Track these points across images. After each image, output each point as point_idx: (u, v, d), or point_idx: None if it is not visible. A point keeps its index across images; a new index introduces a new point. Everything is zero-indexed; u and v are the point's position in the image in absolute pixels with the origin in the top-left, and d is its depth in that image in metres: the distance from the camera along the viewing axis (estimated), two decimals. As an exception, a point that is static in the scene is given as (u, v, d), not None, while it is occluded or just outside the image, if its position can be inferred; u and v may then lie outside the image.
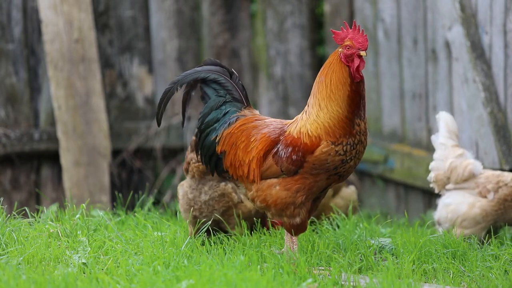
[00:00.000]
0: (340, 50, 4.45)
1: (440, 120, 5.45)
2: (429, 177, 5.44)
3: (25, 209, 5.51)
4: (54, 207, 6.25)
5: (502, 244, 5.18)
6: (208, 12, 7.90)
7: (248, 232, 4.89)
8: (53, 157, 7.48)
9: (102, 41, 7.68)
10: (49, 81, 7.38)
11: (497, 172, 5.33)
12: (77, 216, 5.22)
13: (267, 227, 5.08)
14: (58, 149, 7.42)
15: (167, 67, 7.85)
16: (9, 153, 7.36)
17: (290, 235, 4.56)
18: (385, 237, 5.11)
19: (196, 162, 4.95)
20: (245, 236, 4.82)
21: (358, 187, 5.84)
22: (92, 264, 4.46)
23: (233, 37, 7.98)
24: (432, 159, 5.52)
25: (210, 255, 4.58)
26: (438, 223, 5.38)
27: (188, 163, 4.99)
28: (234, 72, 4.70)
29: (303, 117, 4.49)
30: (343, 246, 4.83)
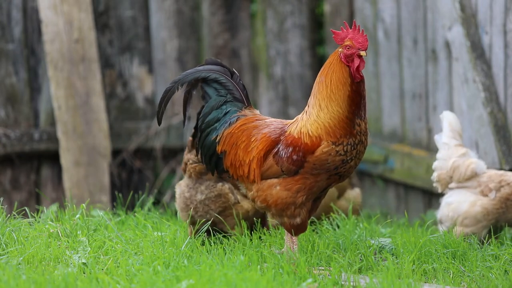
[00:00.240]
0: (340, 50, 4.45)
1: (444, 120, 5.44)
2: (433, 177, 5.44)
3: (25, 209, 5.50)
4: (54, 207, 6.25)
5: (502, 244, 5.18)
6: (208, 12, 7.90)
7: (248, 232, 4.89)
8: (53, 157, 7.48)
9: (102, 41, 7.68)
10: (49, 81, 7.37)
11: (500, 172, 5.33)
12: (77, 216, 5.21)
13: (267, 227, 5.08)
14: (58, 149, 7.41)
15: (167, 67, 7.85)
16: (9, 153, 7.36)
17: (290, 235, 4.56)
18: (385, 237, 5.11)
19: (193, 163, 4.93)
20: (245, 236, 4.81)
21: (358, 187, 5.83)
22: (92, 264, 4.46)
23: (233, 37, 7.98)
24: (432, 159, 5.52)
25: (210, 255, 4.58)
26: (440, 222, 5.38)
27: (186, 164, 4.98)
28: (235, 72, 4.69)
29: (304, 117, 4.49)
30: (343, 246, 4.83)
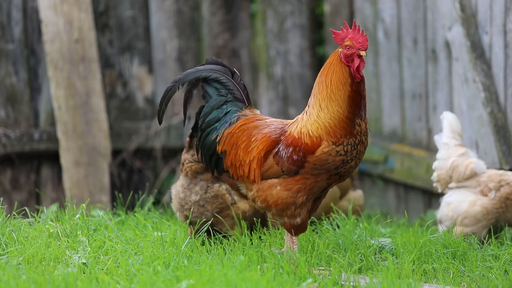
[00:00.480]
0: (340, 50, 4.45)
1: (444, 120, 5.44)
2: (432, 177, 5.44)
3: (25, 209, 5.50)
4: (54, 207, 6.25)
5: (502, 244, 5.18)
6: (208, 12, 7.90)
7: (248, 232, 4.88)
8: (53, 157, 7.48)
9: (102, 41, 7.67)
10: (49, 81, 7.37)
11: (500, 171, 5.33)
12: (77, 216, 5.21)
13: (267, 227, 5.08)
14: (58, 149, 7.41)
15: (167, 67, 7.85)
16: (9, 153, 7.36)
17: (290, 235, 4.56)
18: (385, 237, 5.11)
19: (189, 163, 4.93)
20: (245, 237, 4.81)
21: (361, 189, 5.83)
22: (92, 264, 4.46)
23: (233, 37, 7.98)
24: (432, 159, 5.52)
25: (210, 255, 4.58)
26: (440, 222, 5.38)
27: (183, 164, 4.97)
28: (236, 72, 4.69)
29: (304, 117, 4.48)
30: (343, 246, 4.83)
